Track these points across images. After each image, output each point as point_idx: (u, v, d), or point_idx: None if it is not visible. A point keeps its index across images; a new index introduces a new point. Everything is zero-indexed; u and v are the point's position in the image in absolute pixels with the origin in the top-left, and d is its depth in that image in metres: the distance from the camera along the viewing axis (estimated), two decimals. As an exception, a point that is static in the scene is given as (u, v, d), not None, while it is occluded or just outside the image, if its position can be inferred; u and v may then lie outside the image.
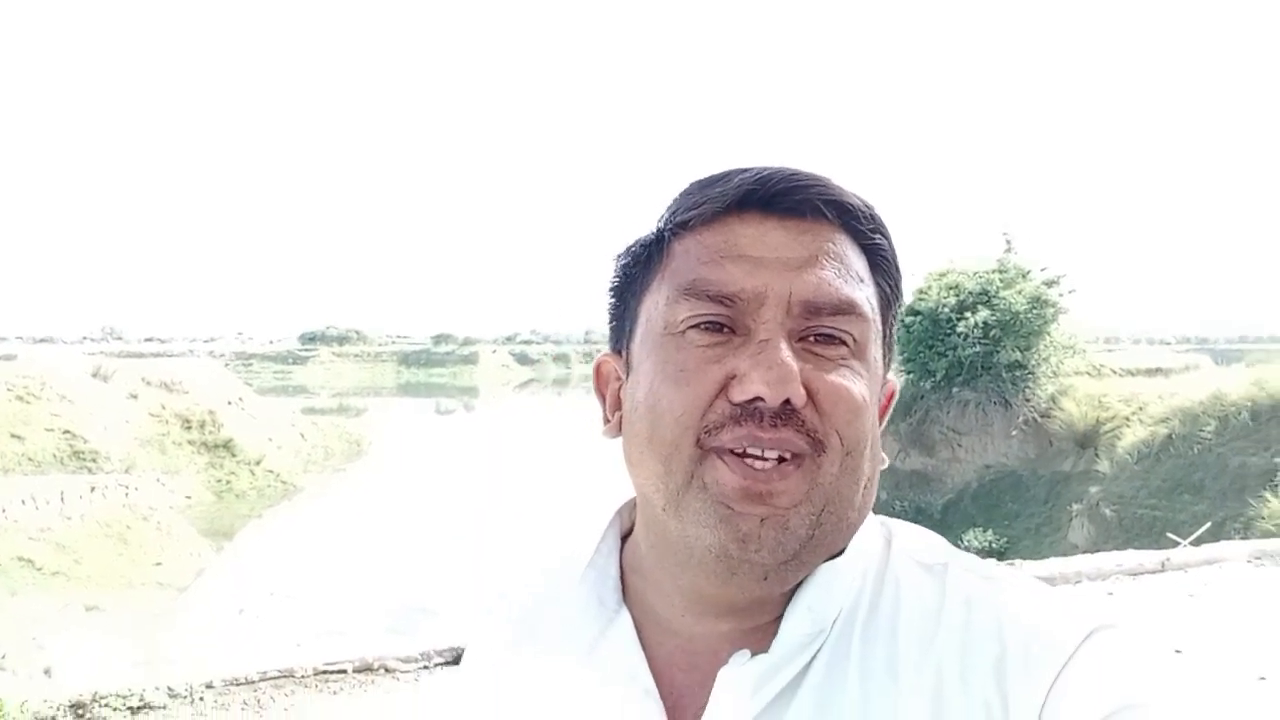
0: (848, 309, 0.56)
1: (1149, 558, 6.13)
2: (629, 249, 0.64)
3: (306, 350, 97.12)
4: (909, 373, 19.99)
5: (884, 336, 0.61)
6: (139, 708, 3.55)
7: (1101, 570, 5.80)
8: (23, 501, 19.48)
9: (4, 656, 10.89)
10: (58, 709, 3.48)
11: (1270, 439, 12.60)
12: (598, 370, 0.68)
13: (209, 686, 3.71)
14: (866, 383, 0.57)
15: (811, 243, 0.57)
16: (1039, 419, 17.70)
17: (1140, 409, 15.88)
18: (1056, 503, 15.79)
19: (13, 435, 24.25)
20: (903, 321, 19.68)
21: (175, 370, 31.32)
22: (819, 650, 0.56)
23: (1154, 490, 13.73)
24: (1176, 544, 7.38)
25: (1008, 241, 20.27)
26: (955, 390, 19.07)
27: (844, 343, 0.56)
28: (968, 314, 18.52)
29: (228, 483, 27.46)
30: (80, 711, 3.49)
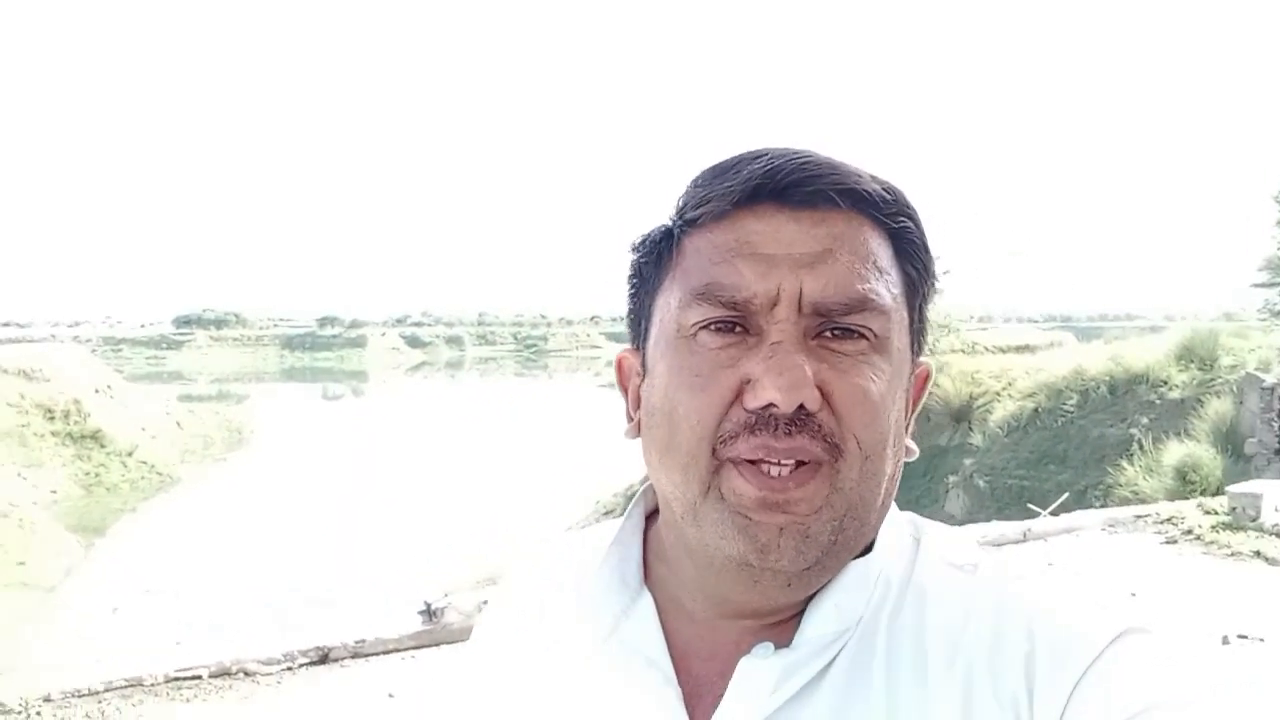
0: (861, 306, 0.54)
1: (1012, 528, 6.44)
2: (642, 243, 0.62)
3: (182, 334, 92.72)
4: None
5: (911, 323, 0.59)
6: (-38, 728, 3.28)
7: (967, 542, 6.03)
8: None
9: None
10: None
11: (1126, 411, 13.41)
12: (619, 366, 0.66)
13: (47, 700, 3.46)
14: (888, 378, 0.55)
15: (826, 235, 0.55)
16: (918, 395, 18.34)
17: (1010, 384, 16.69)
18: (934, 475, 16.45)
19: None
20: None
21: (36, 357, 29.54)
22: (842, 649, 0.56)
23: (1022, 461, 14.46)
24: (1037, 514, 7.77)
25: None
26: (841, 370, 19.49)
27: (863, 336, 0.55)
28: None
29: (97, 475, 26.15)
30: (-105, 735, 3.19)
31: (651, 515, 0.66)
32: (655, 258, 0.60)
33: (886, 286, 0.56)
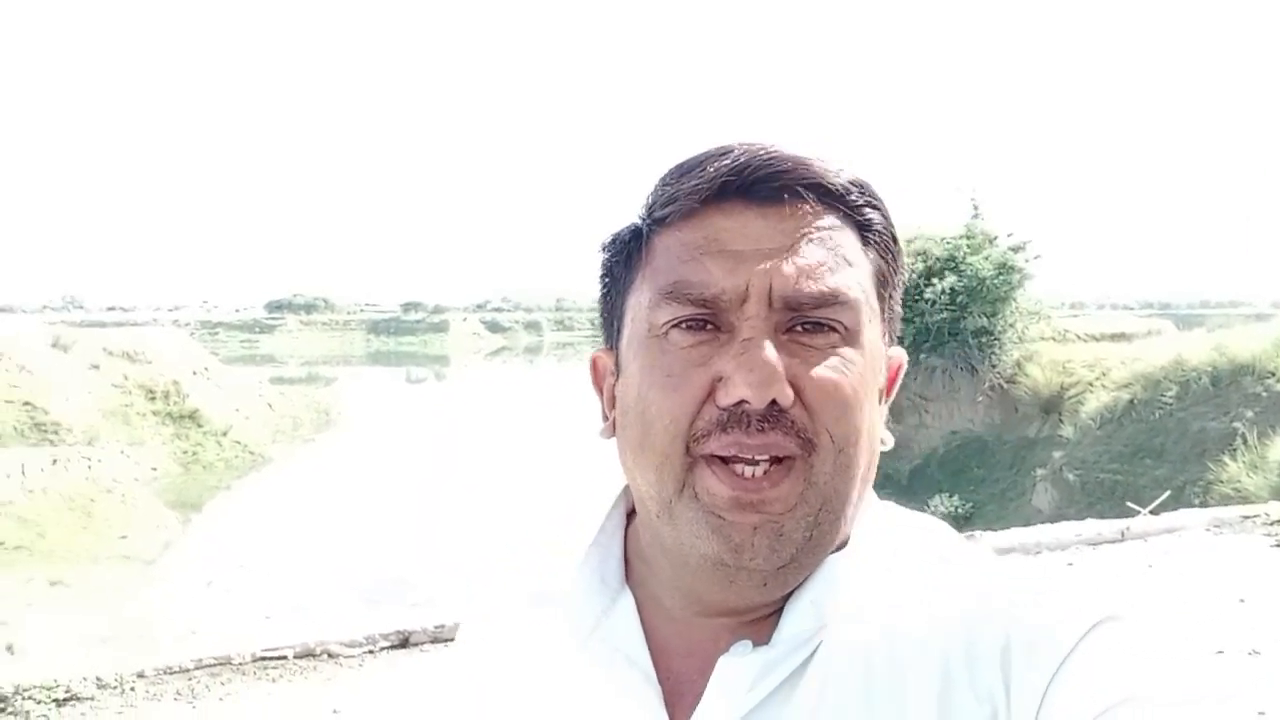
0: (831, 299, 0.54)
1: (1108, 527, 6.11)
2: (611, 242, 0.63)
3: (273, 319, 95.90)
4: (878, 339, 19.96)
5: (882, 313, 0.60)
6: (65, 700, 3.42)
7: (1061, 540, 5.78)
8: (-18, 475, 19.15)
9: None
10: (-23, 702, 3.34)
11: (1230, 403, 12.76)
12: (594, 366, 0.67)
13: (140, 676, 3.58)
14: (860, 369, 0.56)
15: (794, 230, 0.55)
16: (1005, 385, 17.83)
17: (1104, 374, 16.05)
18: (1021, 468, 15.97)
19: (-30, 408, 23.80)
20: (871, 289, 20.00)
21: (138, 340, 30.82)
22: (820, 645, 0.56)
23: (1116, 455, 13.90)
24: (1136, 512, 7.42)
25: (975, 207, 20.25)
26: (923, 357, 19.10)
27: (834, 329, 0.55)
28: (935, 280, 18.52)
29: (194, 454, 27.19)
30: (2, 704, 3.35)
31: (631, 514, 0.66)
32: (625, 257, 0.61)
33: (856, 279, 0.56)
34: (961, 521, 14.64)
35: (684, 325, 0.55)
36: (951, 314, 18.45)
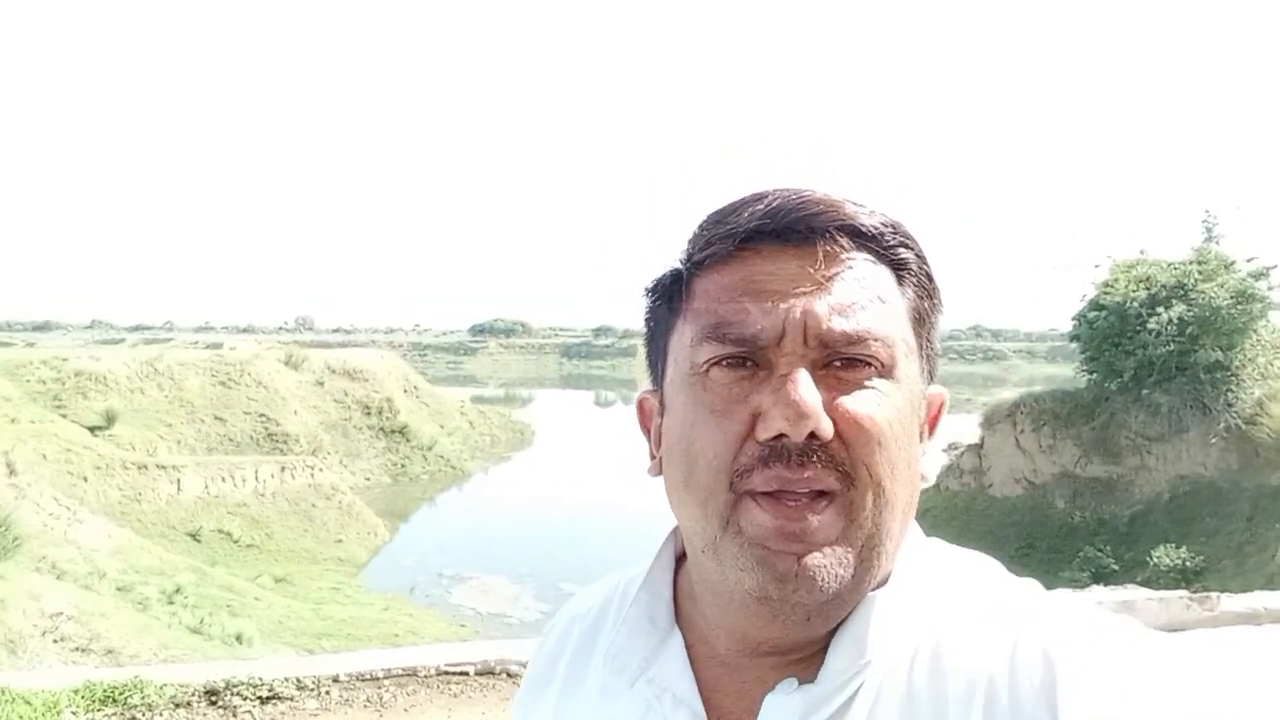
0: (864, 335, 0.56)
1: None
2: (654, 287, 0.65)
3: (476, 341, 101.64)
4: (1092, 373, 18.68)
5: (920, 350, 0.60)
6: (268, 698, 3.64)
7: (1318, 608, 5.02)
8: (223, 479, 21.29)
9: (202, 621, 11.78)
10: (193, 694, 3.61)
11: None
12: (640, 407, 0.68)
13: (335, 680, 3.77)
14: (896, 403, 0.57)
15: (827, 270, 0.57)
16: (1243, 426, 16.07)
17: (1368, 418, 14.09)
18: (1263, 520, 14.25)
19: (216, 417, 26.55)
20: (1085, 318, 18.49)
21: (358, 359, 33.41)
22: (864, 683, 0.56)
23: (1384, 511, 12.12)
24: None
25: (1208, 229, 18.55)
26: (1145, 392, 17.62)
27: (869, 365, 0.56)
28: (1160, 309, 17.07)
29: (402, 467, 29.06)
30: (214, 698, 3.61)
31: (681, 557, 0.68)
32: (667, 300, 0.63)
33: (889, 316, 0.57)
34: (1192, 577, 13.22)
35: (724, 363, 0.57)
36: (1180, 346, 16.89)
